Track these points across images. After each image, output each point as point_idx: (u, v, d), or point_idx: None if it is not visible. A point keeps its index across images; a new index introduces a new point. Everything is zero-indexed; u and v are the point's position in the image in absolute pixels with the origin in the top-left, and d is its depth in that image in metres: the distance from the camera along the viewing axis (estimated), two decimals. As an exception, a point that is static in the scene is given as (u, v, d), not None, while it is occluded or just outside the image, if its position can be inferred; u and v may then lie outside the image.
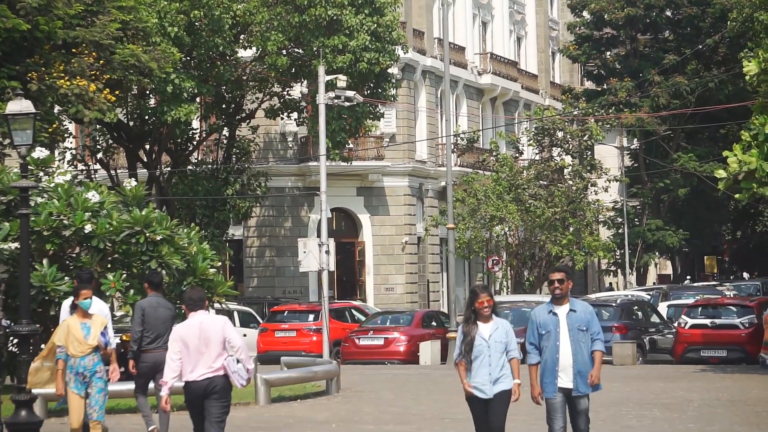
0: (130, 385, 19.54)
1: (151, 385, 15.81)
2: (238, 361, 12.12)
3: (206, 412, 12.11)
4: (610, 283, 66.70)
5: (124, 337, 23.37)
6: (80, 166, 40.92)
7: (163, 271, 20.09)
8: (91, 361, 13.37)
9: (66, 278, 19.39)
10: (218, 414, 12.16)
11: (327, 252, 31.04)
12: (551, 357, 11.56)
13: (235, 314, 34.48)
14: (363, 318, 36.32)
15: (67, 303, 15.22)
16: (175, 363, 12.00)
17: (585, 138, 50.32)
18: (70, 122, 37.22)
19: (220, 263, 24.89)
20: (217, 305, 22.02)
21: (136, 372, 14.93)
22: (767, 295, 41.08)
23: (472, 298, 11.66)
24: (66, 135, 35.78)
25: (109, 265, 20.05)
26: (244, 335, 34.34)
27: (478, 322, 11.57)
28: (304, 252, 31.41)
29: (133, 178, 23.20)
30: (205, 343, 12.02)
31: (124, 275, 19.78)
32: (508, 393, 11.52)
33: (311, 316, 34.50)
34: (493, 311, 11.64)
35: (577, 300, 11.92)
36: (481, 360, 11.51)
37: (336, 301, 40.70)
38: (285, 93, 41.36)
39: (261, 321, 35.79)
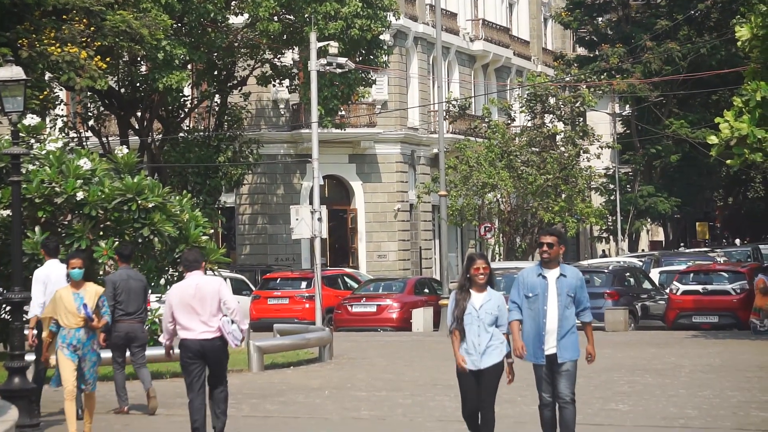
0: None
1: (127, 354, 15.86)
2: (232, 322, 12.46)
3: (210, 371, 12.52)
4: (604, 251, 66.77)
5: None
6: (71, 134, 40.80)
7: (156, 239, 20.08)
8: (86, 334, 12.95)
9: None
10: (220, 373, 12.60)
11: (319, 219, 31.02)
12: (537, 321, 11.10)
13: (228, 282, 34.37)
14: (355, 285, 36.35)
15: (39, 271, 14.98)
16: (167, 325, 12.54)
17: (577, 104, 50.24)
18: (61, 89, 37.10)
19: (212, 230, 24.90)
20: (209, 272, 22.02)
21: (106, 344, 14.57)
22: (757, 261, 41.16)
23: (468, 265, 11.22)
24: (57, 102, 35.68)
25: (101, 233, 20.02)
26: (237, 302, 34.37)
27: (471, 291, 11.14)
28: (297, 219, 31.39)
29: (124, 146, 23.18)
30: (200, 301, 12.35)
31: (116, 243, 19.75)
32: (499, 366, 11.06)
33: (304, 284, 34.53)
34: (488, 282, 11.19)
35: (567, 265, 11.50)
36: (469, 331, 11.08)
37: (328, 268, 40.72)
38: (277, 60, 41.23)
39: (253, 288, 35.82)
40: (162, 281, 21.19)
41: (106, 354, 15.48)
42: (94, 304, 12.96)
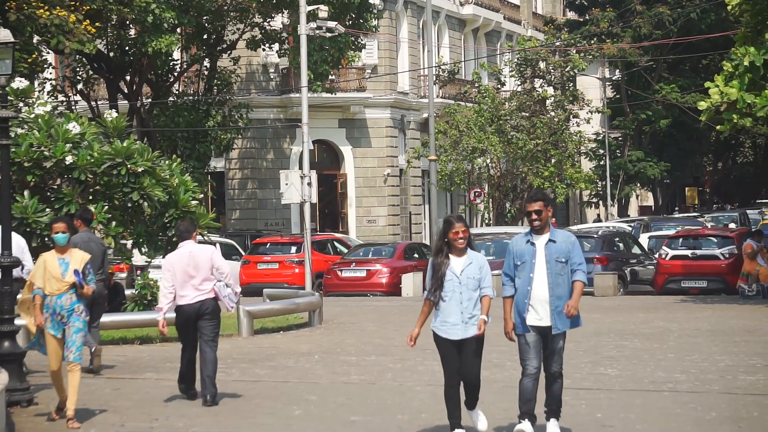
0: (114, 317, 19.64)
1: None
2: (227, 286, 13.32)
3: (200, 332, 13.34)
4: (599, 214, 66.59)
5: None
6: (60, 98, 40.64)
7: (145, 203, 20.06)
8: (69, 300, 12.26)
9: (47, 209, 19.35)
10: (211, 333, 13.37)
11: (309, 184, 30.99)
12: (523, 289, 10.51)
13: (218, 246, 34.40)
14: (345, 250, 36.38)
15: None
16: (168, 290, 13.24)
17: (567, 69, 50.21)
18: (49, 53, 36.91)
19: (201, 195, 24.88)
20: (199, 237, 22.01)
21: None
22: (745, 226, 41.27)
23: (446, 228, 10.55)
24: (46, 66, 35.47)
25: (90, 197, 19.99)
26: (229, 267, 34.38)
27: (450, 256, 10.49)
28: (286, 184, 31.35)
29: (113, 110, 23.08)
30: (195, 269, 13.22)
31: (106, 207, 19.74)
32: (482, 336, 10.50)
33: (293, 249, 34.55)
34: (468, 244, 10.54)
35: (558, 230, 10.86)
36: (451, 298, 10.44)
37: (318, 233, 40.73)
38: (266, 24, 41.06)
39: (243, 253, 35.81)
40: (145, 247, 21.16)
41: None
42: (80, 270, 12.34)
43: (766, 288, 27.60)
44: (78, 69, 40.71)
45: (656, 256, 32.04)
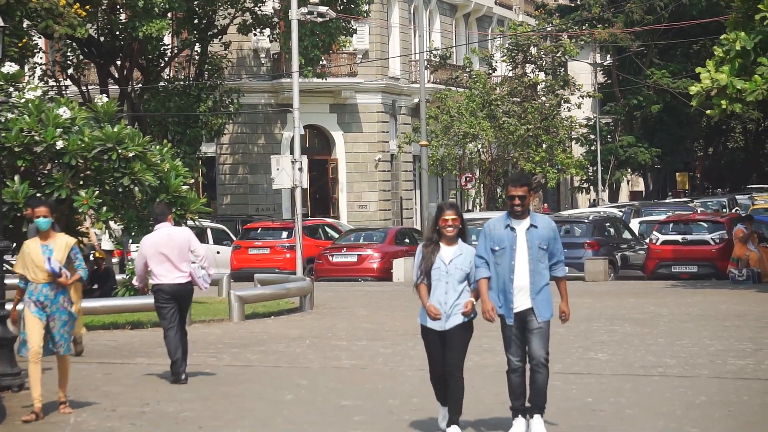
0: (105, 302, 19.63)
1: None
2: (202, 268, 13.97)
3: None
4: (595, 200, 66.35)
5: (98, 255, 23.38)
6: (51, 82, 40.54)
7: (136, 188, 20.04)
8: (53, 290, 11.74)
9: (38, 194, 19.31)
10: (185, 317, 14.18)
11: (300, 169, 30.99)
12: (505, 278, 10.01)
13: (209, 231, 34.50)
14: (336, 235, 36.38)
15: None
16: (140, 268, 14.01)
17: (558, 54, 50.16)
18: (39, 37, 36.84)
19: (192, 180, 24.86)
20: (190, 222, 22.02)
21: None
22: (732, 211, 41.35)
23: (437, 215, 10.19)
24: (36, 50, 35.42)
25: (81, 182, 19.96)
26: (218, 252, 34.41)
27: (440, 244, 10.15)
28: (277, 169, 31.35)
29: (104, 95, 23.06)
30: (173, 250, 13.80)
31: (97, 192, 19.71)
32: (466, 326, 10.11)
33: (284, 234, 34.54)
34: (459, 234, 10.16)
35: (538, 215, 10.33)
36: (435, 287, 10.10)
37: (309, 218, 40.73)
38: (257, 8, 40.98)
39: (234, 238, 35.81)
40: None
41: (88, 303, 15.49)
42: (64, 256, 11.75)
43: (757, 273, 27.66)
44: (68, 54, 40.61)
45: (647, 241, 32.09)
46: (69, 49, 40.41)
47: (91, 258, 22.55)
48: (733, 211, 41.96)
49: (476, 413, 11.33)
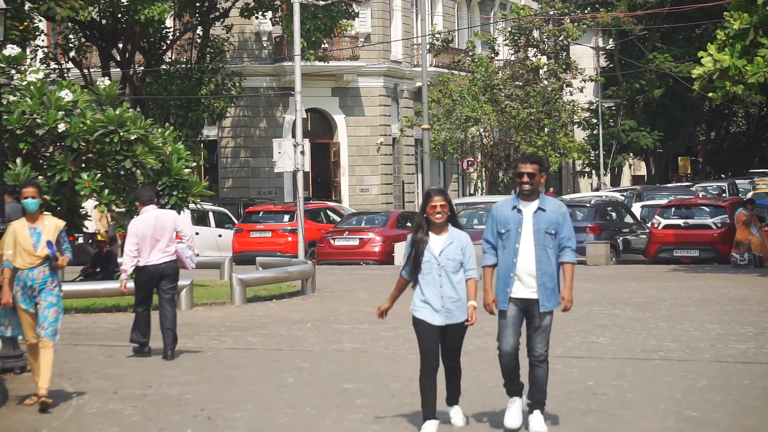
0: (107, 285, 19.65)
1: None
2: (189, 248, 14.55)
3: (160, 291, 14.45)
4: (601, 184, 66.07)
5: (99, 238, 23.41)
6: (53, 65, 40.49)
7: (138, 171, 20.04)
8: (41, 273, 11.27)
9: (39, 177, 19.33)
10: (171, 292, 14.61)
11: (302, 153, 30.98)
12: (507, 261, 9.55)
13: (210, 215, 34.50)
14: (338, 219, 36.39)
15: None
16: (132, 254, 14.27)
17: (561, 38, 50.09)
18: (41, 20, 36.76)
19: (194, 163, 24.84)
20: (192, 206, 22.03)
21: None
22: (733, 196, 41.32)
23: (425, 202, 9.63)
24: (38, 33, 35.35)
25: (83, 165, 19.97)
26: (220, 235, 34.43)
27: (429, 233, 9.59)
28: (279, 153, 31.35)
29: (106, 77, 23.06)
30: (161, 232, 14.27)
31: (99, 175, 19.72)
32: (464, 324, 9.68)
33: (286, 217, 34.55)
34: (449, 220, 9.63)
35: (549, 197, 9.84)
36: (428, 281, 9.56)
37: (311, 201, 40.73)
38: (259, -9, 40.88)
39: (236, 222, 35.82)
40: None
41: (90, 286, 15.51)
42: (54, 239, 11.29)
43: (758, 257, 27.68)
44: (70, 36, 40.56)
45: (648, 225, 32.10)
46: (71, 32, 40.35)
47: (90, 241, 22.60)
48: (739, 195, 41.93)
49: (477, 397, 11.35)
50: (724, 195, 42.99)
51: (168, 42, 40.75)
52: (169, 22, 40.80)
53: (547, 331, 9.62)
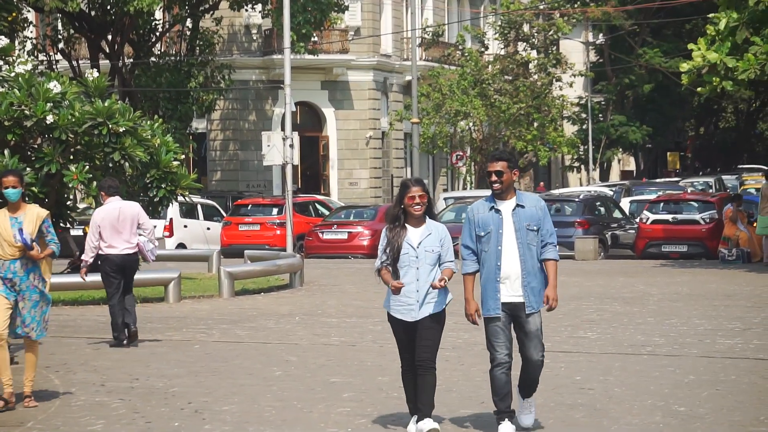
0: (95, 277, 19.59)
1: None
2: (149, 242, 14.99)
3: (124, 281, 14.87)
4: (590, 179, 65.93)
5: (87, 229, 23.35)
6: (41, 56, 40.39)
7: (126, 163, 20.00)
8: (24, 266, 10.79)
9: (27, 169, 19.28)
10: (131, 283, 15.13)
11: (291, 146, 30.94)
12: (491, 265, 9.09)
13: (199, 207, 34.46)
14: (327, 212, 36.37)
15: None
16: (93, 245, 14.71)
17: (551, 32, 50.12)
18: (30, 11, 36.69)
19: (183, 156, 24.82)
20: (180, 198, 22.00)
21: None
22: (720, 191, 41.37)
23: (402, 192, 9.23)
24: (26, 24, 35.24)
25: (71, 157, 19.91)
26: (208, 228, 34.39)
27: (407, 225, 9.22)
28: (268, 146, 31.30)
29: (95, 69, 22.96)
30: (124, 223, 14.75)
31: (87, 167, 19.66)
32: (440, 316, 9.25)
33: (275, 210, 34.53)
34: (427, 212, 9.25)
35: (525, 193, 9.40)
36: (406, 273, 9.18)
37: (300, 195, 40.71)
38: (249, -16, 40.82)
39: (224, 214, 35.78)
40: None
41: (76, 279, 15.49)
42: (35, 229, 10.81)
43: (746, 253, 27.74)
44: (59, 28, 40.46)
45: (637, 220, 32.14)
46: (60, 23, 40.25)
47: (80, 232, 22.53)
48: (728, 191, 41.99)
49: (465, 391, 11.35)
50: (710, 191, 43.03)
51: (157, 34, 40.67)
52: (158, 14, 40.71)
53: (539, 335, 9.20)
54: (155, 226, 33.25)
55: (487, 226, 9.13)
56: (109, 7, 37.48)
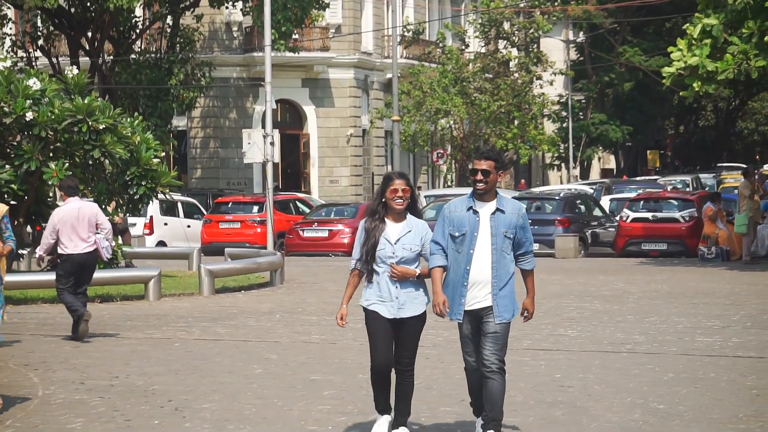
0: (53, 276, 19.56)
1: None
2: (105, 240, 15.29)
3: (79, 279, 15.25)
4: (575, 177, 65.84)
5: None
6: (20, 53, 40.24)
7: (106, 161, 19.95)
8: None
9: (6, 166, 19.21)
10: (88, 282, 15.61)
11: (272, 143, 30.91)
12: (458, 269, 8.57)
13: (179, 205, 34.39)
14: (307, 210, 36.35)
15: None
16: (49, 240, 15.05)
17: (531, 30, 50.19)
18: (9, 7, 36.55)
19: (163, 153, 24.75)
20: (161, 196, 21.95)
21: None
22: (697, 190, 41.49)
23: (384, 185, 8.79)
24: (6, 21, 35.11)
25: (51, 154, 19.85)
26: (188, 226, 34.32)
27: (386, 220, 8.78)
28: (249, 143, 31.27)
29: (75, 66, 22.93)
30: (82, 223, 15.05)
31: (67, 164, 19.61)
32: (423, 317, 8.87)
33: (255, 208, 34.50)
34: (410, 208, 8.83)
35: (507, 198, 8.77)
36: (383, 271, 8.78)
37: (280, 192, 40.67)
38: (230, -19, 40.76)
39: (205, 212, 35.73)
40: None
41: (37, 277, 15.46)
42: None
43: (726, 251, 27.84)
44: (38, 24, 40.31)
45: (617, 218, 32.22)
46: (39, 20, 40.11)
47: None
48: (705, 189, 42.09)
49: (445, 389, 11.36)
50: (688, 189, 43.16)
51: (137, 31, 40.57)
52: (138, 11, 40.62)
53: (500, 339, 8.57)
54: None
55: (462, 226, 8.59)
56: (89, 4, 37.36)
